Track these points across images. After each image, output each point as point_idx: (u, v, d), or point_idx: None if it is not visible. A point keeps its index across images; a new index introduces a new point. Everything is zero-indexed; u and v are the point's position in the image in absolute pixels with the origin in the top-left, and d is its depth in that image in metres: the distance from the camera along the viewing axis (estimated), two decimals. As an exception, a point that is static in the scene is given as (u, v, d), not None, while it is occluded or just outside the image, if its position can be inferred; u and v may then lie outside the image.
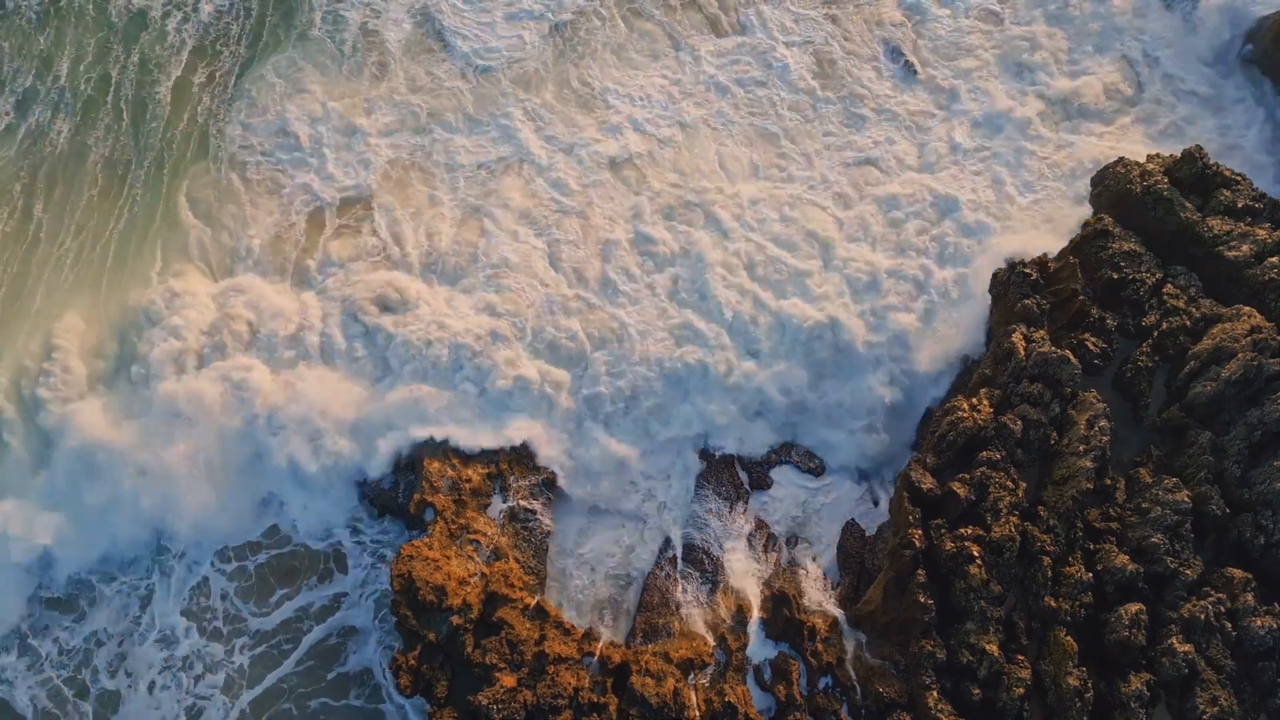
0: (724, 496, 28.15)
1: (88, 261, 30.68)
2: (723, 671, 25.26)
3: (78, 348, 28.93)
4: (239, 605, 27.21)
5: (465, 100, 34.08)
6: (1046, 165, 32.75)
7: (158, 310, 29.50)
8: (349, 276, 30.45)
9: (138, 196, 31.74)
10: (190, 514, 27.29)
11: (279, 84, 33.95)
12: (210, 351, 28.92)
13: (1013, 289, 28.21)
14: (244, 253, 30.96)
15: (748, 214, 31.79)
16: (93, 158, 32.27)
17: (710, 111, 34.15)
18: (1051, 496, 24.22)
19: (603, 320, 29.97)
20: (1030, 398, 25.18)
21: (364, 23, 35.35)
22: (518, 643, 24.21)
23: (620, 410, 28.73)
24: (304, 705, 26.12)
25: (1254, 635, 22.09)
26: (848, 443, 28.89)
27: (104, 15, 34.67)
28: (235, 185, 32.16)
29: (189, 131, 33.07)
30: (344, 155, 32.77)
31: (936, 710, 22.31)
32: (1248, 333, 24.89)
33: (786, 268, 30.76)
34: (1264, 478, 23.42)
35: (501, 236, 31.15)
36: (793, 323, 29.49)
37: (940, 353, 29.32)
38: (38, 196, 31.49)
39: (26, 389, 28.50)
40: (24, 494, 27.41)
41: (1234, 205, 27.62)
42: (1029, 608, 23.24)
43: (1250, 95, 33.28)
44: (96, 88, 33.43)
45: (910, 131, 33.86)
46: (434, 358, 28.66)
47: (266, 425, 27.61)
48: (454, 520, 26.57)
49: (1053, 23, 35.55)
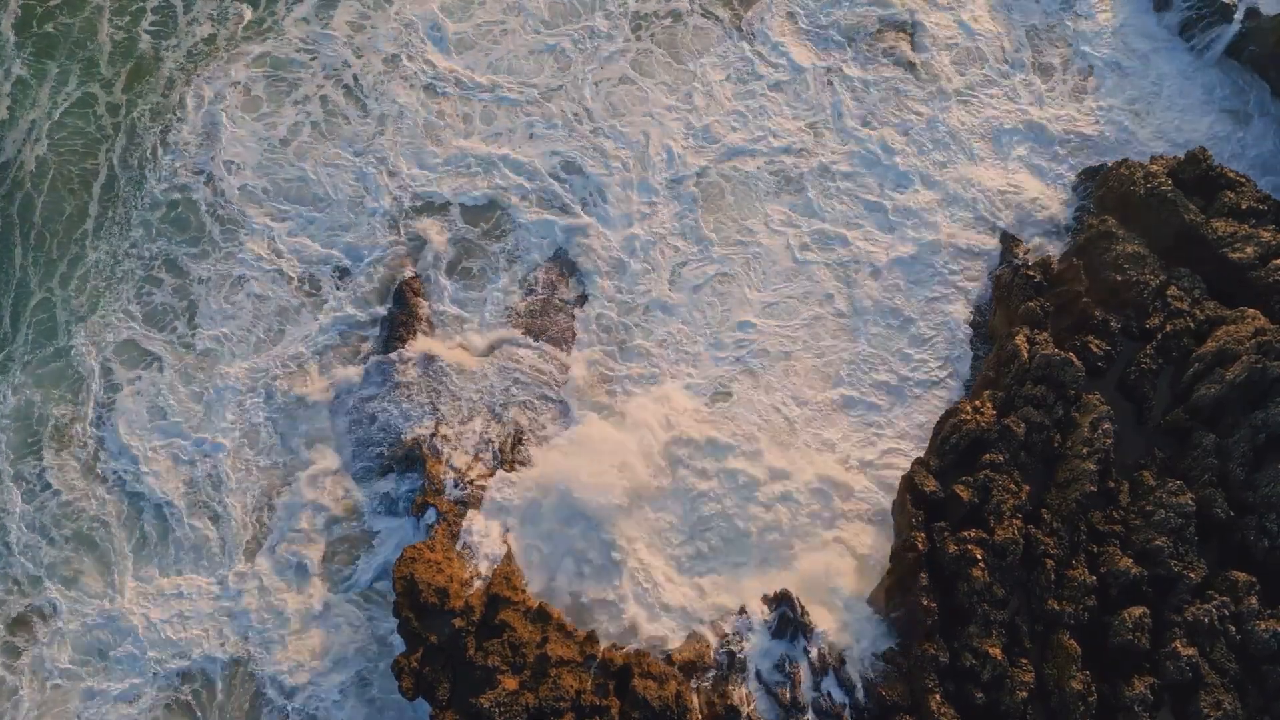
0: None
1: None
2: (725, 673, 25.22)
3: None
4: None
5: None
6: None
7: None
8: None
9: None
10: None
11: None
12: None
13: (1016, 291, 28.20)
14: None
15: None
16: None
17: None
18: (1055, 499, 24.16)
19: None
20: (1034, 400, 25.13)
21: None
22: (520, 645, 24.19)
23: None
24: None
25: (1258, 638, 22.02)
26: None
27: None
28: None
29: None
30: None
31: (939, 713, 22.26)
32: (1252, 335, 24.84)
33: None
34: (1268, 480, 23.34)
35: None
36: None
37: None
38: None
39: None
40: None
41: (1238, 207, 27.55)
42: (1032, 610, 23.18)
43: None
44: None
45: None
46: None
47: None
48: (456, 522, 26.60)
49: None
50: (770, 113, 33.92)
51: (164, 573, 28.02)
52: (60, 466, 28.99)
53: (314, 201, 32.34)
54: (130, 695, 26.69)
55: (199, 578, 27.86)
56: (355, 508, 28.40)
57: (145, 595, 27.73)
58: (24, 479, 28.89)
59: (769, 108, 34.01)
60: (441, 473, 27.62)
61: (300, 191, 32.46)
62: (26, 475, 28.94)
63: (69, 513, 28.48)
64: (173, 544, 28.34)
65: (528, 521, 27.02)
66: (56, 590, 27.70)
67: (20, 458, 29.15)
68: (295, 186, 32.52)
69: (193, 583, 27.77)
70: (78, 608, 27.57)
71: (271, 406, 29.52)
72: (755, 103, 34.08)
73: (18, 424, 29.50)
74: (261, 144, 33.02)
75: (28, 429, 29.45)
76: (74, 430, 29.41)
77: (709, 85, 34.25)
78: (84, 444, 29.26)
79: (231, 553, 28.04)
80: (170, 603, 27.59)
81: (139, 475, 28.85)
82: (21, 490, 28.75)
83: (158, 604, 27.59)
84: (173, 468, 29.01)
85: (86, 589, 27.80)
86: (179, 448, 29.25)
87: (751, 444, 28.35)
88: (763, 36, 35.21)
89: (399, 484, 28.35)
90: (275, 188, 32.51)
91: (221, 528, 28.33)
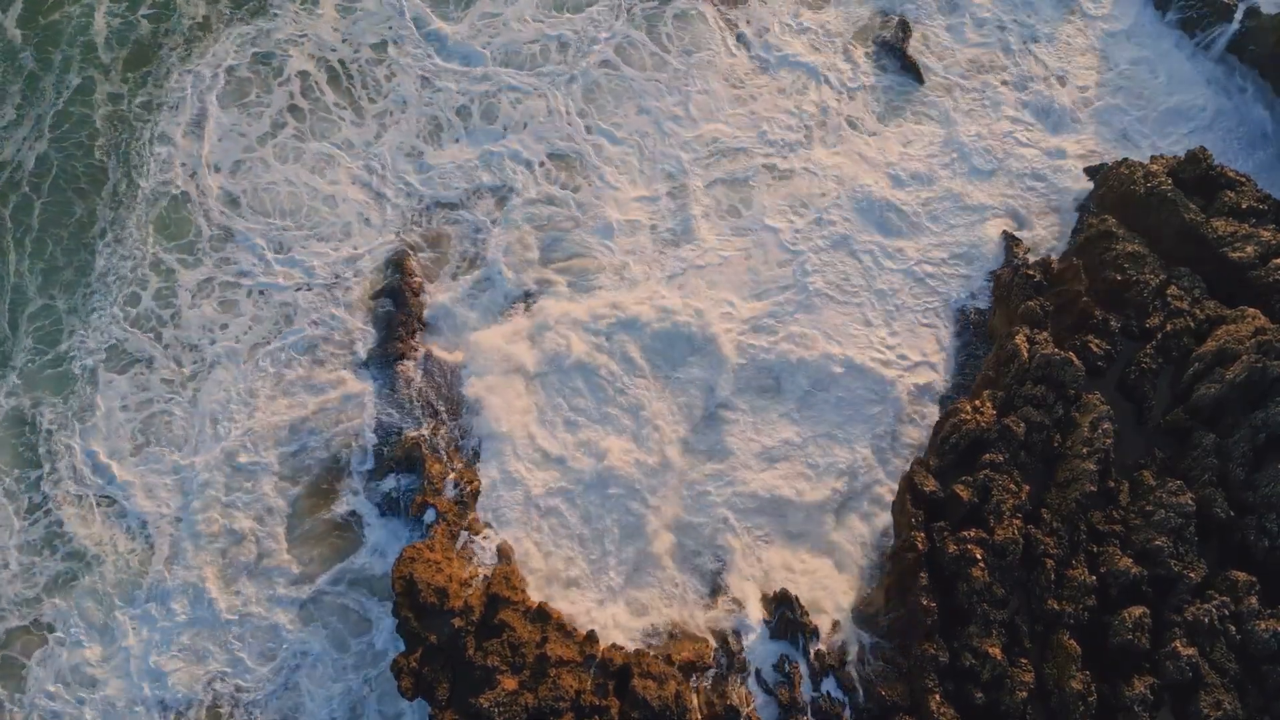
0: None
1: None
2: (725, 673, 25.23)
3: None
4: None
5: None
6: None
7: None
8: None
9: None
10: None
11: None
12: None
13: (1016, 290, 28.19)
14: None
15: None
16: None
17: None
18: (1055, 499, 24.15)
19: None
20: (1033, 400, 25.11)
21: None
22: (519, 645, 24.19)
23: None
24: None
25: (1258, 638, 22.00)
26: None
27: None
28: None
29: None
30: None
31: (939, 713, 22.25)
32: (1252, 334, 24.82)
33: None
34: (1268, 480, 23.32)
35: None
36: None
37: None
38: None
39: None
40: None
41: (1238, 207, 27.53)
42: (1032, 610, 23.17)
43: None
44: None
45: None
46: None
47: None
48: (456, 522, 26.60)
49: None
50: (767, 109, 33.93)
51: (151, 590, 27.49)
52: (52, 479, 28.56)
53: (312, 201, 32.18)
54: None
55: (192, 587, 27.52)
56: (355, 508, 28.34)
57: (133, 616, 27.20)
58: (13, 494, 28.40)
59: (765, 103, 34.02)
60: (441, 473, 27.62)
61: (297, 191, 32.22)
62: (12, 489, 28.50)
63: (61, 531, 27.92)
64: (160, 555, 27.72)
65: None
66: (50, 606, 27.23)
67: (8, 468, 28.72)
68: (290, 186, 32.28)
69: (186, 598, 27.38)
70: (71, 626, 27.05)
71: (272, 407, 29.41)
72: (750, 98, 34.09)
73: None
74: (252, 140, 32.64)
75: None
76: (60, 440, 28.91)
77: (705, 83, 34.23)
78: (71, 455, 28.79)
79: (231, 557, 27.92)
80: (158, 622, 27.08)
81: (126, 488, 28.34)
82: (13, 505, 28.27)
83: (145, 621, 27.12)
84: (162, 478, 28.53)
85: (80, 609, 27.28)
86: (172, 457, 28.79)
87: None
88: (760, 33, 35.21)
89: (399, 484, 28.31)
90: (269, 187, 32.21)
91: (221, 537, 28.05)
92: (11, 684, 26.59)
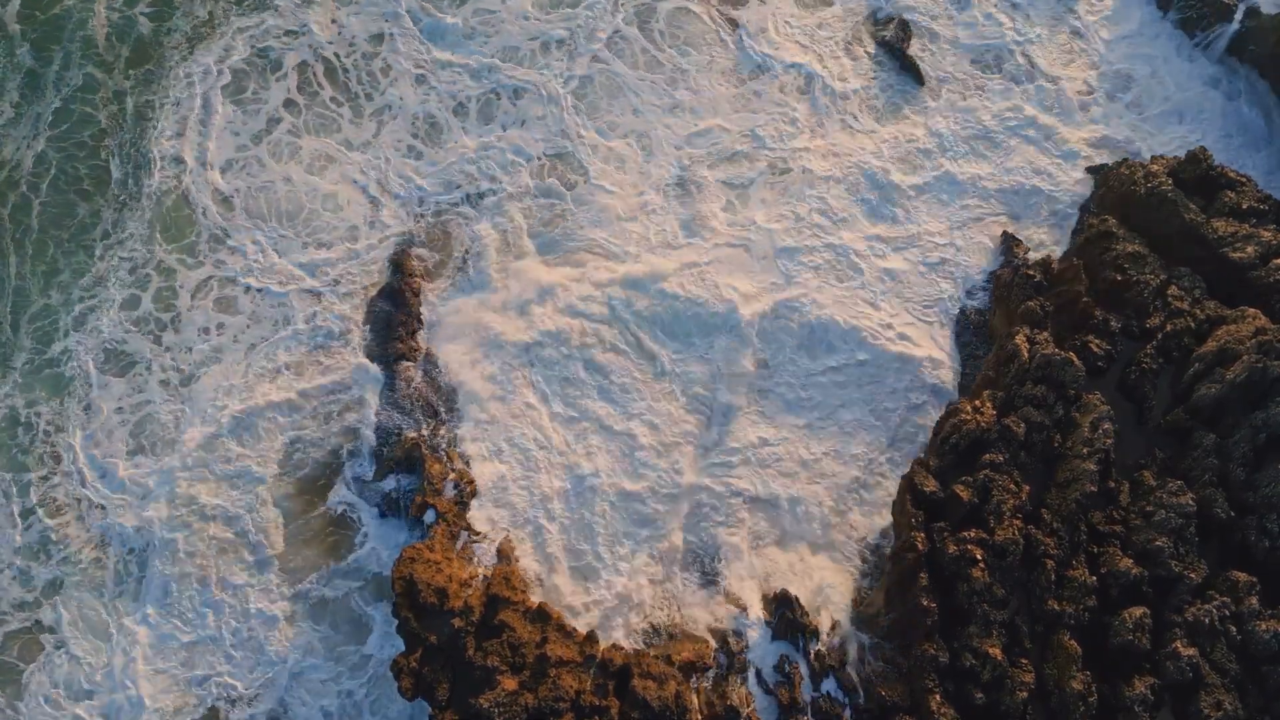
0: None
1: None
2: (725, 674, 25.21)
3: None
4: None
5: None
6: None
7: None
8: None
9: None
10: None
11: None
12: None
13: (1016, 290, 28.18)
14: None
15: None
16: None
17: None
18: (1055, 499, 24.13)
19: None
20: (1034, 400, 25.09)
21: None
22: (519, 645, 24.17)
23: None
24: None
25: (1258, 639, 22.00)
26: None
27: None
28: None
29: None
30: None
31: (939, 713, 22.24)
32: (1252, 335, 24.81)
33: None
34: (1269, 480, 23.32)
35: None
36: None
37: None
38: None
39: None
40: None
41: (1238, 207, 27.53)
42: (1032, 611, 23.16)
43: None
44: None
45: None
46: None
47: None
48: (455, 522, 26.57)
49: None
50: (763, 108, 33.88)
51: (148, 590, 27.44)
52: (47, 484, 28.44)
53: (310, 200, 32.03)
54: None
55: (190, 588, 27.49)
56: (353, 508, 28.30)
57: (129, 617, 27.12)
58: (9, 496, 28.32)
59: (764, 102, 33.96)
60: (441, 473, 27.59)
61: (294, 190, 32.07)
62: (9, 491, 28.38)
63: (57, 533, 27.86)
64: (156, 556, 27.63)
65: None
66: (48, 612, 27.20)
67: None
68: (288, 186, 32.14)
69: (183, 599, 27.40)
70: (66, 629, 26.98)
71: (269, 409, 29.35)
72: (753, 95, 34.02)
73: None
74: (250, 139, 32.49)
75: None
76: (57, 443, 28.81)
77: (703, 80, 34.18)
78: (69, 459, 28.69)
79: (228, 558, 27.86)
80: (155, 624, 27.05)
81: (124, 489, 28.28)
82: (9, 507, 28.18)
83: (142, 623, 27.07)
84: (160, 479, 28.43)
85: (75, 612, 27.23)
86: (170, 458, 28.71)
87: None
88: (756, 31, 35.16)
89: (399, 484, 28.29)
90: (266, 187, 32.06)
91: (218, 538, 27.97)
92: (10, 690, 26.63)
